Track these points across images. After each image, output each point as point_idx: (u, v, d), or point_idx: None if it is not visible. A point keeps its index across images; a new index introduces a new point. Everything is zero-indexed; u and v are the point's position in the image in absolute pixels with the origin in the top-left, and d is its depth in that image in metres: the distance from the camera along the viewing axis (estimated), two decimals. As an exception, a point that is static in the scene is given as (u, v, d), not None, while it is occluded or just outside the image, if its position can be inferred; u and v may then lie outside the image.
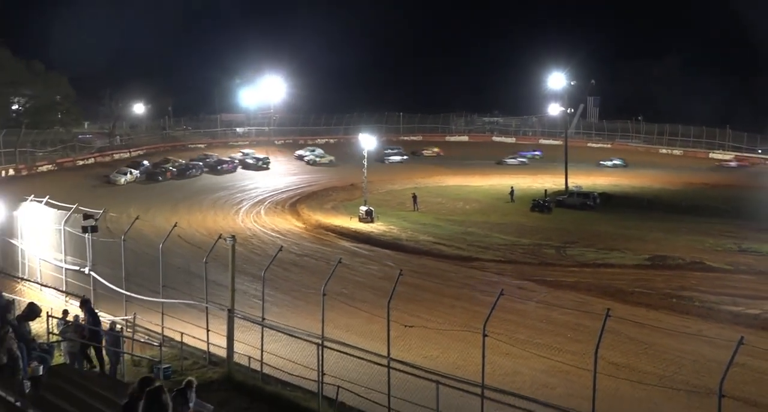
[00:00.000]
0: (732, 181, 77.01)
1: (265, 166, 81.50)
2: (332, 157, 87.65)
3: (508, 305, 18.35)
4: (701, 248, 45.33)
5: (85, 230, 27.06)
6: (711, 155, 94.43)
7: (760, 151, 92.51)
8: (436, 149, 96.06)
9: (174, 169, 72.25)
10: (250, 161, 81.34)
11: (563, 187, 68.44)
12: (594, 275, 38.25)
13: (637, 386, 19.52)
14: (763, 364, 20.20)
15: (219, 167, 77.07)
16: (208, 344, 21.24)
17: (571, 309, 27.05)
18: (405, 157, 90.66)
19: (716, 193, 68.45)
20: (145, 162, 73.67)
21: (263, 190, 67.59)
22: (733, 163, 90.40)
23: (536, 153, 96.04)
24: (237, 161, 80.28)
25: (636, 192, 70.01)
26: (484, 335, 15.42)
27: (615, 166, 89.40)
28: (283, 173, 79.29)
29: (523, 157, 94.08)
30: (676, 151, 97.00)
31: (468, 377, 16.20)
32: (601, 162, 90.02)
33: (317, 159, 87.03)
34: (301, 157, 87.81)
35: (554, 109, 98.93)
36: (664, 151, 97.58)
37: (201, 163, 76.48)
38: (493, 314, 15.66)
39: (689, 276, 38.20)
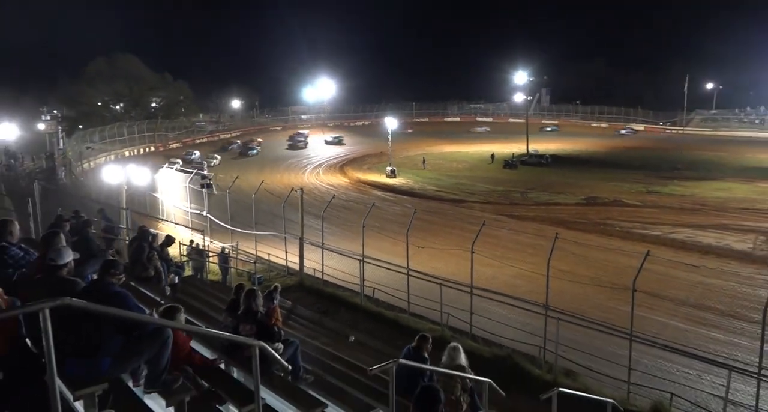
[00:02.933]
0: (641, 144, 75.58)
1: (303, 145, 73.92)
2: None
3: (488, 232, 18.26)
4: (620, 190, 44.77)
5: (202, 186, 27.33)
6: (627, 126, 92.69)
7: (661, 123, 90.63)
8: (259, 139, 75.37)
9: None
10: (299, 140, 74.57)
11: (525, 150, 67.57)
12: (547, 211, 38.04)
13: (576, 285, 19.50)
14: (662, 268, 20.04)
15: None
16: (287, 261, 21.48)
17: (531, 234, 26.93)
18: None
19: (631, 153, 67.26)
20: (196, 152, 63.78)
21: (321, 158, 67.38)
22: (624, 131, 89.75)
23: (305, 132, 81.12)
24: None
25: (576, 153, 68.92)
26: (472, 252, 15.42)
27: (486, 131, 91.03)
28: (333, 146, 78.85)
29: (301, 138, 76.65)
30: (603, 125, 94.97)
31: (462, 280, 16.25)
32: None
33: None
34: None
35: (518, 97, 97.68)
36: (594, 124, 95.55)
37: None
38: (478, 238, 15.63)
39: (612, 210, 37.86)
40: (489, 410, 7.27)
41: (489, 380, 7.27)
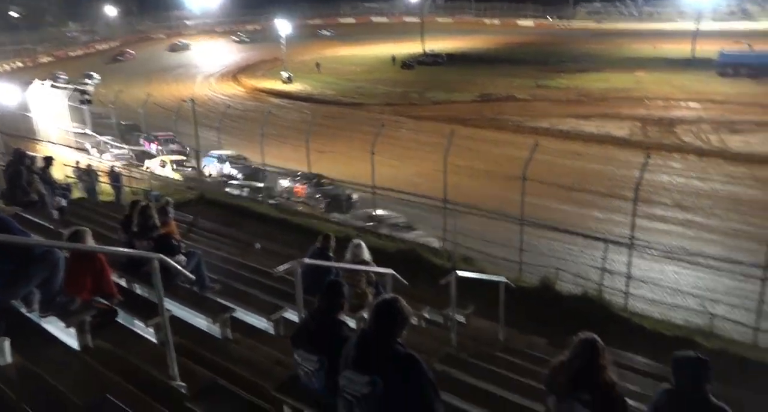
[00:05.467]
0: (531, 40, 76.83)
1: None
2: None
3: (388, 133, 18.35)
4: (512, 86, 45.96)
5: (82, 102, 25.29)
6: (518, 22, 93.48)
7: (549, 18, 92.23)
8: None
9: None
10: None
11: (422, 50, 67.05)
12: (444, 109, 38.63)
13: (472, 178, 20.28)
14: (549, 158, 21.04)
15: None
16: (184, 175, 20.74)
17: (430, 132, 27.28)
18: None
19: (521, 49, 68.36)
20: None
21: (211, 67, 63.52)
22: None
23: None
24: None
25: (470, 51, 69.21)
26: (372, 153, 15.53)
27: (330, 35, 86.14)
28: (225, 52, 74.37)
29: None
30: (496, 22, 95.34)
31: (364, 182, 16.46)
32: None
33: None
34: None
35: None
36: (487, 21, 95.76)
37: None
38: (378, 140, 15.70)
39: (505, 105, 39.03)
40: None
41: (392, 271, 7.59)
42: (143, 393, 4.15)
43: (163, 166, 22.86)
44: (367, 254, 7.75)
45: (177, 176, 21.50)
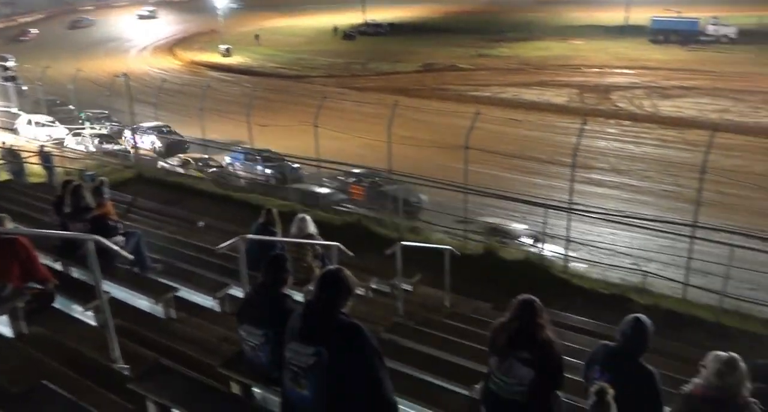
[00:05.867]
0: (471, 9, 76.69)
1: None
2: None
3: (331, 105, 18.13)
4: (454, 55, 46.12)
5: (6, 79, 23.86)
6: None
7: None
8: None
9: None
10: None
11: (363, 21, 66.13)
12: (387, 80, 38.50)
13: (417, 148, 20.28)
14: (492, 126, 21.48)
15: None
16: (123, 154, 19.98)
17: (374, 104, 27.15)
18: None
19: (462, 18, 68.30)
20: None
21: (144, 40, 60.79)
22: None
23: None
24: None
25: (412, 20, 68.60)
26: (316, 126, 15.36)
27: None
28: (161, 24, 71.27)
29: None
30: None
31: (308, 155, 16.28)
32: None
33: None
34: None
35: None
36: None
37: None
38: (321, 112, 15.51)
39: (447, 75, 39.22)
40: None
41: (337, 243, 7.59)
42: (84, 378, 4.04)
43: (185, 166, 19.68)
44: (312, 228, 7.69)
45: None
